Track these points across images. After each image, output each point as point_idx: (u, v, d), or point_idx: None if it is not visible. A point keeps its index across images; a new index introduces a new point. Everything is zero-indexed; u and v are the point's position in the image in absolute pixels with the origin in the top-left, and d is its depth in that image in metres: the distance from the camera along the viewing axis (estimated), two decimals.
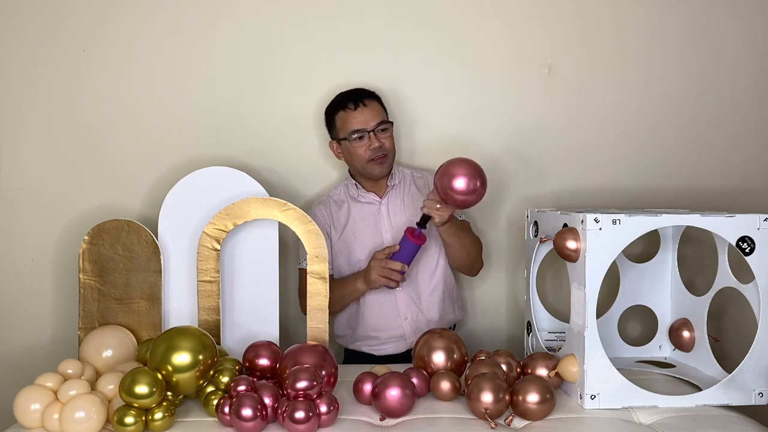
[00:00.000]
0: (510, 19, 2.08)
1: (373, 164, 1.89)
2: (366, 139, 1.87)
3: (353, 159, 1.91)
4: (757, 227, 1.44)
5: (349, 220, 1.94)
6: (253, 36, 2.04)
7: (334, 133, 1.94)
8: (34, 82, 1.99)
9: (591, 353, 1.42)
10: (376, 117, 1.89)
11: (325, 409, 1.36)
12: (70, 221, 2.01)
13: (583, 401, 1.43)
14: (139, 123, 2.02)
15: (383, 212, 1.94)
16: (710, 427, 1.36)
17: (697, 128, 2.13)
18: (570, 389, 1.51)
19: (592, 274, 1.42)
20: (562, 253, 1.49)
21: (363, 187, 1.97)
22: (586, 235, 1.41)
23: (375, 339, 1.93)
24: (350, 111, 1.88)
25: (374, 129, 1.87)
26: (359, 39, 2.06)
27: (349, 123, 1.88)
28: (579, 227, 1.45)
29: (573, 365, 1.46)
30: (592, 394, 1.43)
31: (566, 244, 1.46)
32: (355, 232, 1.93)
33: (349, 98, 1.90)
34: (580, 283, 1.45)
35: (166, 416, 1.35)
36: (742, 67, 2.13)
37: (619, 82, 2.11)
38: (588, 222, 1.41)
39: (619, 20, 2.10)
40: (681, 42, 2.11)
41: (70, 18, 1.98)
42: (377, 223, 1.93)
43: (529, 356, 1.57)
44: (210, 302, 1.73)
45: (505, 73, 2.10)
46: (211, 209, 1.78)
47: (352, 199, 1.97)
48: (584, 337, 1.43)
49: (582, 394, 1.44)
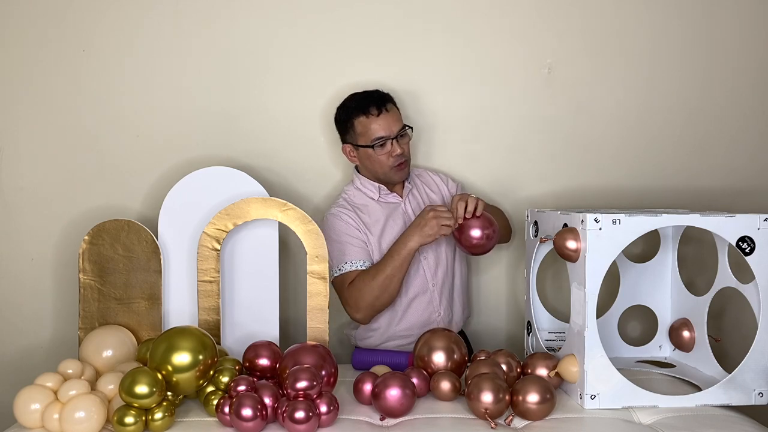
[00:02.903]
0: (510, 19, 2.08)
1: (395, 170, 1.85)
2: (388, 145, 1.82)
3: (373, 165, 1.86)
4: (757, 227, 1.44)
5: (378, 221, 1.88)
6: (254, 36, 2.04)
7: (351, 137, 1.87)
8: (34, 82, 1.99)
9: (591, 353, 1.43)
10: (397, 123, 1.84)
11: (325, 409, 1.36)
12: (70, 221, 2.01)
13: (583, 401, 1.44)
14: (139, 123, 2.02)
15: (408, 211, 1.91)
16: (710, 427, 1.36)
17: (697, 129, 2.13)
18: (570, 389, 1.51)
19: (592, 273, 1.42)
20: (562, 253, 1.49)
21: (387, 188, 1.92)
22: (586, 235, 1.41)
23: (410, 336, 1.88)
24: (373, 117, 1.81)
25: (396, 136, 1.83)
26: (359, 39, 2.06)
27: (372, 130, 1.81)
28: (579, 227, 1.45)
29: (573, 365, 1.46)
30: (592, 394, 1.43)
31: (566, 244, 1.47)
32: (385, 231, 1.87)
33: (371, 102, 1.82)
34: (580, 283, 1.45)
35: (166, 416, 1.35)
36: (743, 68, 2.13)
37: (620, 82, 2.11)
38: (588, 222, 1.41)
39: (619, 20, 2.10)
40: (681, 42, 2.11)
41: (70, 18, 1.98)
42: (405, 222, 1.89)
43: (530, 356, 1.57)
44: (210, 302, 1.73)
45: (505, 73, 2.10)
46: (211, 209, 1.78)
47: (375, 201, 1.91)
48: (584, 337, 1.43)
49: (582, 394, 1.44)
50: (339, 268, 1.82)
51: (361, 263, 1.81)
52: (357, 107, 1.84)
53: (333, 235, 1.83)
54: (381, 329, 1.88)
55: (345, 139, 1.90)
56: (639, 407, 1.44)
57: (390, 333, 1.88)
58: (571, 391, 1.50)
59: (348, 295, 1.80)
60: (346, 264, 1.81)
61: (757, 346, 1.45)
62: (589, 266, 1.42)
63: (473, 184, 2.10)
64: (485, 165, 2.11)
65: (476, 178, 2.11)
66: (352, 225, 1.85)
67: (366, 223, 1.87)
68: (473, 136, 2.10)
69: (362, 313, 1.79)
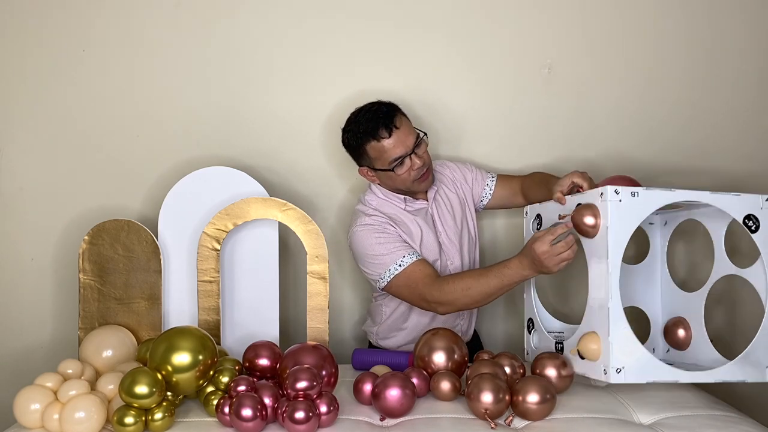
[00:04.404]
0: (510, 19, 2.08)
1: (419, 182, 1.78)
2: (407, 162, 1.73)
3: (395, 183, 1.78)
4: (760, 207, 1.50)
5: (413, 233, 1.81)
6: (254, 36, 2.04)
7: (366, 162, 1.78)
8: (34, 82, 1.99)
9: (616, 326, 1.42)
10: (411, 135, 1.73)
11: (325, 409, 1.36)
12: (70, 221, 2.01)
13: (609, 376, 1.41)
14: (139, 123, 2.02)
15: (435, 215, 1.86)
16: (710, 427, 1.36)
17: (697, 129, 2.13)
18: (590, 369, 1.48)
19: (614, 245, 1.43)
20: (580, 229, 1.49)
21: (412, 196, 1.86)
22: (608, 206, 1.42)
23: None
24: (385, 139, 1.71)
25: (413, 149, 1.73)
26: (360, 39, 2.06)
27: (388, 153, 1.71)
28: (598, 201, 1.45)
29: (593, 342, 1.45)
30: (617, 367, 1.41)
31: (584, 220, 1.47)
32: (422, 238, 1.82)
33: (378, 124, 1.71)
34: (600, 257, 1.45)
35: (166, 416, 1.35)
36: (743, 68, 2.12)
37: (619, 82, 2.11)
38: (608, 193, 1.42)
39: (619, 20, 2.10)
40: (681, 42, 2.11)
41: (70, 18, 1.98)
42: (434, 226, 1.85)
43: (537, 356, 1.56)
44: (210, 302, 1.73)
45: (505, 72, 2.10)
46: (211, 209, 1.78)
47: (404, 211, 1.83)
48: (608, 309, 1.42)
49: (607, 368, 1.42)
50: (399, 264, 1.70)
51: (414, 255, 1.72)
52: (365, 132, 1.73)
53: (373, 243, 1.74)
54: (408, 329, 1.85)
55: (360, 162, 1.81)
56: (662, 382, 1.43)
57: (416, 335, 1.83)
58: (591, 370, 1.48)
59: (429, 292, 1.67)
60: (405, 258, 1.71)
61: (767, 322, 1.47)
62: (611, 238, 1.42)
63: None
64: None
65: None
66: (390, 227, 1.77)
67: (404, 232, 1.79)
68: (473, 136, 2.10)
69: (448, 309, 1.69)
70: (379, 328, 1.91)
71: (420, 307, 1.75)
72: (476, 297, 1.64)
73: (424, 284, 1.68)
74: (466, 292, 1.64)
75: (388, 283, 1.73)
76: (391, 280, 1.72)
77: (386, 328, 1.89)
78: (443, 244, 1.85)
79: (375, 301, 1.93)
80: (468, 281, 1.64)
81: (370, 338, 1.96)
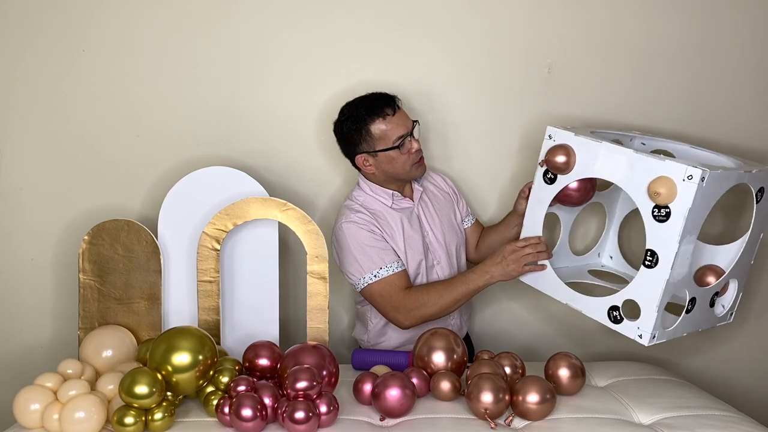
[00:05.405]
0: (510, 19, 2.08)
1: (416, 167, 1.81)
2: (407, 143, 1.77)
3: (394, 167, 1.79)
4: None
5: (398, 230, 1.82)
6: (254, 36, 2.04)
7: (367, 146, 1.78)
8: (34, 82, 1.99)
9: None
10: (408, 118, 1.80)
11: (325, 409, 1.36)
12: (70, 221, 2.01)
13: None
14: (139, 123, 2.02)
15: (420, 215, 1.88)
16: (710, 427, 1.36)
17: (697, 130, 2.13)
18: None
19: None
20: (553, 166, 1.62)
21: (400, 193, 1.87)
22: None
23: None
24: (390, 117, 1.76)
25: (411, 131, 1.79)
26: (360, 39, 2.06)
27: (393, 130, 1.75)
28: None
29: (669, 185, 1.44)
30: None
31: (556, 158, 1.60)
32: (407, 239, 1.83)
33: (382, 104, 1.77)
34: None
35: (166, 416, 1.35)
36: (743, 68, 2.12)
37: (619, 82, 2.11)
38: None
39: (619, 20, 2.09)
40: (681, 41, 2.11)
41: (70, 18, 1.98)
42: (420, 226, 1.86)
43: (552, 356, 1.57)
44: (210, 302, 1.73)
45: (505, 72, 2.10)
46: (211, 209, 1.78)
47: (390, 208, 1.84)
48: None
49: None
50: (374, 274, 1.73)
51: (396, 265, 1.75)
52: (369, 112, 1.76)
53: (356, 242, 1.75)
54: (398, 333, 1.85)
55: (358, 150, 1.80)
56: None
57: (406, 337, 1.84)
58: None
59: (403, 303, 1.73)
60: (381, 269, 1.74)
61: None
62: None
63: (473, 183, 2.10)
64: (485, 165, 2.10)
65: (476, 178, 2.10)
66: (376, 229, 1.78)
67: (386, 231, 1.80)
68: (473, 136, 2.10)
69: (412, 323, 1.74)
70: (368, 335, 1.91)
71: (386, 316, 1.78)
72: (447, 304, 1.72)
73: (398, 296, 1.74)
74: (437, 300, 1.72)
75: (367, 286, 1.75)
76: (371, 284, 1.74)
77: (376, 333, 1.89)
78: (430, 243, 1.86)
79: (361, 307, 1.93)
80: (439, 290, 1.73)
81: (361, 344, 1.95)
